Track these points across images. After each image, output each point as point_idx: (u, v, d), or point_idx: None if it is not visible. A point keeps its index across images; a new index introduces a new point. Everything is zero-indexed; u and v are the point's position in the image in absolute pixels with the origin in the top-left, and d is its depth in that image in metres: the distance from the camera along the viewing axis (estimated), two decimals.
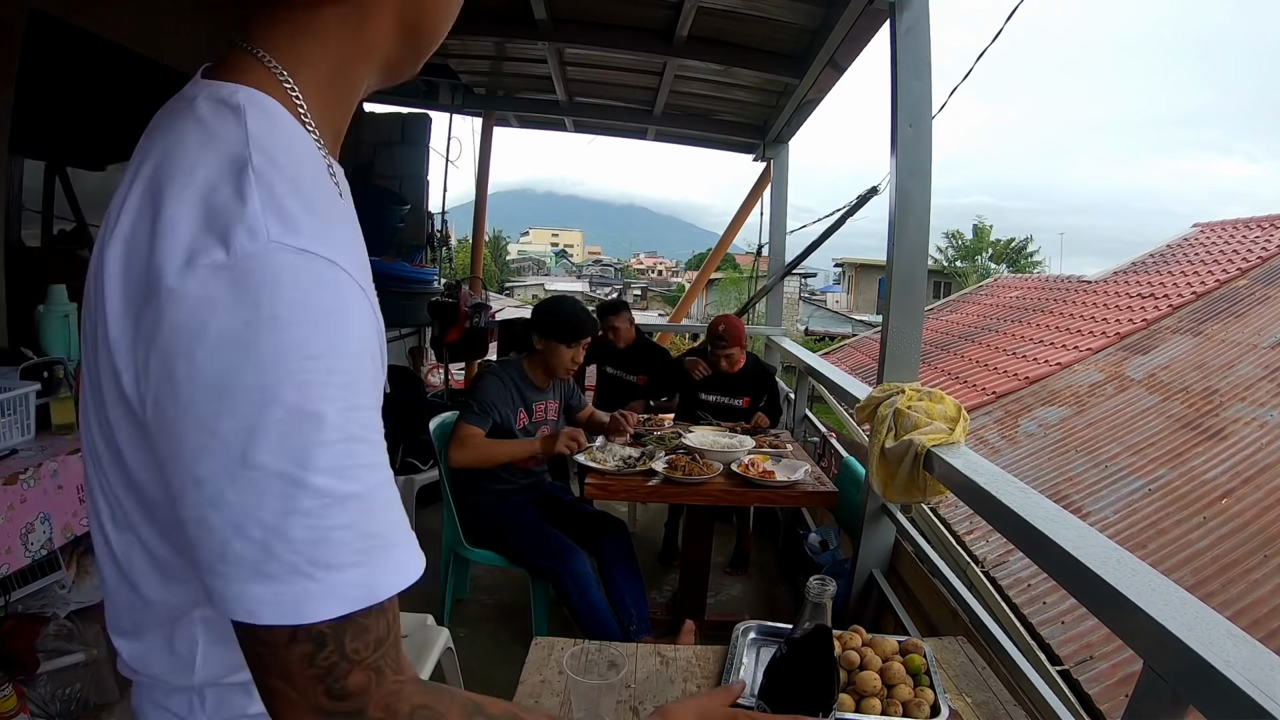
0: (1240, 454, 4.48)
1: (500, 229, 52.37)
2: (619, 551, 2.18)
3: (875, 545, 2.11)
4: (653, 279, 54.28)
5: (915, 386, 1.88)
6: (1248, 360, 5.71)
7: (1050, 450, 5.04)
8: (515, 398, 2.20)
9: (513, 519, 2.17)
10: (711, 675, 1.18)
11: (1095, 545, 1.07)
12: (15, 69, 2.16)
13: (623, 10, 3.02)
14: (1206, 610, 0.88)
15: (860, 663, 1.14)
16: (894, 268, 1.94)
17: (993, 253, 28.97)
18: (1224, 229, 9.36)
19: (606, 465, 2.16)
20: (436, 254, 4.81)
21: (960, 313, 10.77)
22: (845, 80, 3.13)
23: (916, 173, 1.92)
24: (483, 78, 4.50)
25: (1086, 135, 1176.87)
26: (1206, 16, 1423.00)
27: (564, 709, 1.08)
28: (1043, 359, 6.90)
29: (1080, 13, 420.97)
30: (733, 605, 2.90)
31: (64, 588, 1.97)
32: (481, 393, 2.14)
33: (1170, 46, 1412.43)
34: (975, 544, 3.81)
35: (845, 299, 28.24)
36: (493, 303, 4.78)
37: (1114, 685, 2.77)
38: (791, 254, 4.31)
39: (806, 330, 21.58)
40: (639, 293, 41.26)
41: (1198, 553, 3.67)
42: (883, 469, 1.76)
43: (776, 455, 2.34)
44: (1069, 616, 3.17)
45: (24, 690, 1.76)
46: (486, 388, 2.16)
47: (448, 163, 4.68)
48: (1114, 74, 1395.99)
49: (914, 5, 1.90)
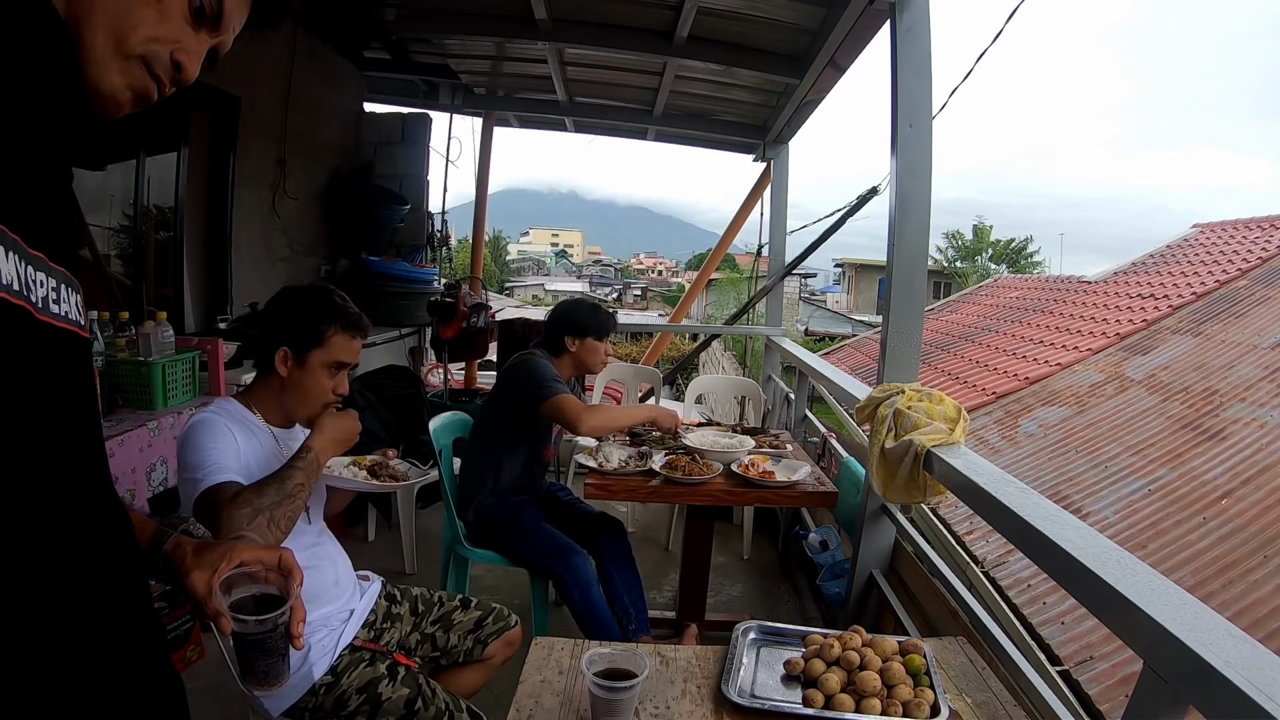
0: (1240, 454, 4.48)
1: (500, 229, 52.42)
2: (618, 551, 2.18)
3: (875, 545, 2.11)
4: (653, 279, 54.32)
5: (915, 387, 1.88)
6: (1248, 361, 5.72)
7: (1050, 450, 5.05)
8: None
9: (513, 519, 2.17)
10: (711, 675, 1.18)
11: (1095, 545, 1.06)
12: None
13: (623, 10, 3.02)
14: (1206, 610, 0.88)
15: (860, 663, 1.14)
16: (894, 268, 1.94)
17: (993, 253, 28.99)
18: (1224, 229, 9.37)
19: (607, 465, 2.16)
20: (436, 254, 4.81)
21: (960, 313, 10.78)
22: (845, 80, 3.13)
23: (916, 173, 1.92)
24: (483, 78, 4.50)
25: (1070, 128, 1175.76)
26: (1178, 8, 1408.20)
27: (564, 709, 1.08)
28: (1043, 359, 6.90)
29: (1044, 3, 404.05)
30: (733, 605, 2.90)
31: None
32: (545, 371, 2.15)
33: (1156, 32, 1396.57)
34: (975, 544, 3.81)
35: (845, 299, 28.25)
36: (493, 303, 4.78)
37: (1114, 685, 2.77)
38: (791, 254, 4.31)
39: (806, 330, 21.59)
40: (639, 293, 41.27)
41: (1198, 553, 3.67)
42: (883, 469, 1.76)
43: (776, 455, 2.33)
44: (1069, 616, 3.17)
45: None
46: (544, 366, 2.17)
47: (448, 163, 4.69)
48: (1093, 65, 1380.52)
49: (914, 5, 1.90)
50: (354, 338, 1.37)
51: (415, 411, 3.54)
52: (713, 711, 1.09)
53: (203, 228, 3.36)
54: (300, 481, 1.20)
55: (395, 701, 1.36)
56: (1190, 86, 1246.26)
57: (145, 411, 2.11)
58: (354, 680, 1.36)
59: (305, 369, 1.33)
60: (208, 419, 1.27)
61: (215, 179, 3.36)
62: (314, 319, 1.33)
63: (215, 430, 1.26)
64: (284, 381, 1.35)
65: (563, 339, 2.27)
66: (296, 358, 1.33)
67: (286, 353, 1.33)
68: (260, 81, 3.46)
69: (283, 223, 3.83)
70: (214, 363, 2.37)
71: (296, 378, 1.34)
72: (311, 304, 1.34)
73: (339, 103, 4.34)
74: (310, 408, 1.36)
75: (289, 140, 3.76)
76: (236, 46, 0.65)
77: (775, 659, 1.23)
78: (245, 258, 3.48)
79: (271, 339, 1.34)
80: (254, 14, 0.66)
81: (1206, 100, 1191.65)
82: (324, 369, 1.34)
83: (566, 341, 2.26)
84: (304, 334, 1.33)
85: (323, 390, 1.35)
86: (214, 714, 2.02)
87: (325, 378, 1.35)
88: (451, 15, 3.41)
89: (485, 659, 1.66)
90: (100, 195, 2.88)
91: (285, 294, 1.37)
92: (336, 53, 4.19)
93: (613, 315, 2.36)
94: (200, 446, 1.23)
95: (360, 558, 1.43)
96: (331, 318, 1.34)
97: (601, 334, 2.28)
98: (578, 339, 2.26)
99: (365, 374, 3.55)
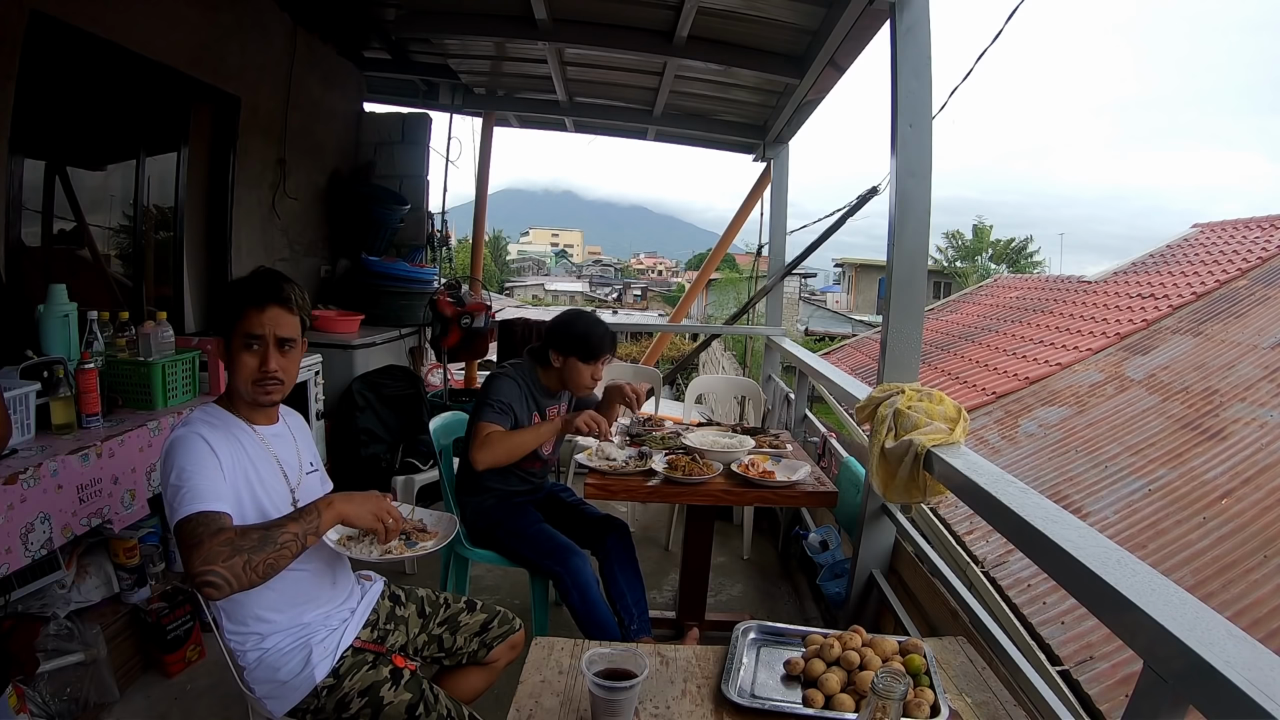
0: (1240, 454, 4.48)
1: (500, 229, 52.43)
2: (622, 552, 2.18)
3: (875, 545, 2.11)
4: (653, 279, 54.29)
5: (915, 387, 1.88)
6: (1248, 361, 5.71)
7: (1050, 450, 5.04)
8: (530, 401, 2.17)
9: (513, 519, 2.17)
10: (711, 675, 1.18)
11: (1095, 545, 1.07)
12: (15, 69, 2.16)
13: (623, 10, 3.02)
14: (1206, 610, 0.88)
15: (860, 663, 1.15)
16: (894, 268, 1.94)
17: (993, 253, 28.98)
18: (1224, 229, 9.37)
19: (608, 464, 2.16)
20: (436, 254, 4.81)
21: (960, 313, 10.78)
22: (845, 80, 3.12)
23: (916, 173, 1.92)
24: (483, 78, 4.50)
25: (1066, 126, 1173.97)
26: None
27: (564, 709, 1.08)
28: (1043, 359, 6.90)
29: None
30: (733, 605, 2.90)
31: (64, 588, 1.97)
32: (498, 393, 2.09)
33: (1151, 29, 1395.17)
34: (975, 544, 3.81)
35: (845, 299, 28.24)
36: (493, 303, 4.77)
37: (1114, 685, 2.77)
38: (791, 254, 4.31)
39: (806, 330, 21.57)
40: (639, 293, 41.26)
41: (1198, 553, 3.67)
42: (883, 469, 1.76)
43: (776, 455, 2.33)
44: (1069, 616, 3.17)
45: (24, 690, 1.76)
46: (503, 388, 2.11)
47: (448, 163, 4.68)
48: (1087, 64, 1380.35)
49: (914, 5, 1.90)
50: (263, 309, 1.32)
51: (415, 411, 3.54)
52: (713, 711, 1.09)
53: (203, 228, 3.36)
54: (292, 534, 1.20)
55: (396, 706, 1.36)
56: (1185, 83, 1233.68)
57: (145, 411, 2.11)
58: (356, 683, 1.36)
59: (233, 349, 1.32)
60: (182, 437, 1.26)
61: (215, 179, 3.36)
62: (232, 297, 1.33)
63: (191, 450, 1.24)
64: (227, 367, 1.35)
65: (549, 351, 2.18)
66: (228, 340, 1.33)
67: (220, 342, 1.35)
68: (260, 81, 3.46)
69: (283, 223, 3.83)
70: (214, 363, 2.37)
71: (229, 359, 1.34)
72: (236, 288, 1.34)
73: (339, 103, 4.34)
74: (241, 380, 1.34)
75: (289, 140, 3.76)
76: (237, 46, 0.65)
77: (775, 659, 1.23)
78: (245, 258, 3.48)
79: (220, 331, 1.36)
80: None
81: (1201, 96, 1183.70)
82: (242, 343, 1.32)
83: (551, 356, 2.17)
84: (227, 315, 1.32)
85: (253, 361, 1.32)
86: (214, 714, 2.03)
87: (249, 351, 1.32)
88: (451, 15, 3.41)
89: (489, 662, 1.66)
90: (100, 195, 2.87)
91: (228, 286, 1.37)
92: (336, 53, 4.19)
93: (609, 337, 2.17)
94: (177, 467, 1.22)
95: (359, 558, 1.43)
96: (244, 293, 1.32)
97: (589, 357, 2.13)
98: (562, 356, 2.15)
99: (365, 374, 3.55)
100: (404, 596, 1.63)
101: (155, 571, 2.26)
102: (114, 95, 2.75)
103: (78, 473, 1.75)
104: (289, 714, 1.36)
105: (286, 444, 1.46)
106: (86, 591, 2.03)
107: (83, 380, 1.88)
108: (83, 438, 1.85)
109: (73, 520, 1.74)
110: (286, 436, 1.47)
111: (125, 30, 2.53)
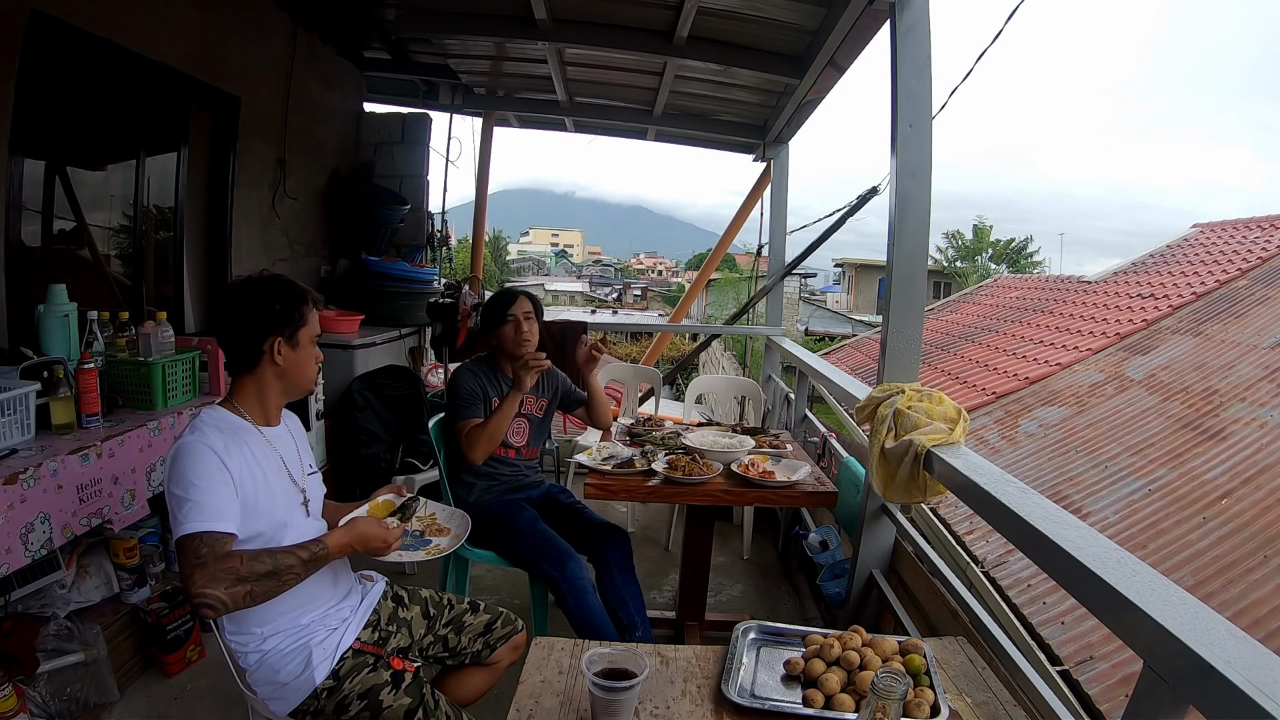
0: (1240, 454, 4.48)
1: (500, 229, 52.36)
2: (621, 560, 2.17)
3: (875, 545, 2.11)
4: (653, 279, 54.31)
5: (915, 387, 1.88)
6: (1248, 361, 5.71)
7: (1050, 450, 5.04)
8: (488, 389, 2.25)
9: (509, 518, 2.17)
10: (712, 675, 1.18)
11: (1095, 545, 1.07)
12: (15, 69, 2.16)
13: (623, 10, 3.02)
14: (1206, 610, 0.88)
15: (860, 663, 1.15)
16: (894, 268, 1.94)
17: (993, 253, 28.98)
18: (1223, 229, 9.37)
19: (607, 463, 2.16)
20: (436, 254, 4.81)
21: (960, 313, 10.77)
22: (845, 80, 3.12)
23: (916, 173, 1.92)
24: (483, 78, 4.50)
25: (1059, 122, 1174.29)
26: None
27: (564, 709, 1.08)
28: (1043, 359, 6.90)
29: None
30: (733, 605, 2.90)
31: (64, 587, 1.97)
32: (458, 389, 2.21)
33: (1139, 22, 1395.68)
34: (975, 544, 3.81)
35: (845, 299, 28.25)
36: None
37: (1114, 685, 2.77)
38: (791, 254, 4.31)
39: (806, 330, 21.58)
40: (639, 293, 41.26)
41: (1198, 553, 3.67)
42: (883, 469, 1.76)
43: (776, 455, 2.33)
44: (1069, 616, 3.17)
45: (24, 690, 1.76)
46: (461, 382, 2.23)
47: (448, 163, 4.68)
48: (1082, 62, 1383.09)
49: (914, 5, 1.90)
50: (319, 310, 1.48)
51: (415, 411, 3.54)
52: (713, 711, 1.09)
53: (203, 228, 3.36)
54: (296, 570, 1.27)
55: (395, 710, 1.36)
56: (1174, 77, 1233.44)
57: (145, 411, 2.11)
58: (356, 685, 1.36)
59: (299, 349, 1.41)
60: (192, 447, 1.26)
61: (215, 179, 3.36)
62: (292, 303, 1.40)
63: (200, 462, 1.24)
64: (279, 370, 1.39)
65: (487, 343, 2.33)
66: (289, 342, 1.39)
67: (278, 341, 1.37)
68: (260, 81, 3.45)
69: (283, 223, 3.83)
70: (214, 363, 2.37)
71: (292, 359, 1.40)
72: (277, 294, 1.39)
73: (339, 102, 4.34)
74: (310, 378, 1.47)
75: (289, 140, 3.75)
76: (237, 46, 0.65)
77: (775, 659, 1.23)
78: (245, 258, 3.47)
79: (253, 335, 1.36)
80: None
81: (1184, 81, 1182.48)
82: (311, 343, 1.45)
83: (489, 344, 2.33)
84: (288, 319, 1.39)
85: (315, 359, 1.47)
86: (214, 714, 2.03)
87: (313, 349, 1.46)
88: (451, 15, 3.41)
89: (492, 663, 1.67)
90: (100, 195, 2.87)
91: (241, 293, 1.38)
92: (336, 53, 4.19)
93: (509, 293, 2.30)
94: (184, 479, 1.22)
95: (360, 557, 1.43)
96: (304, 298, 1.43)
97: (498, 321, 2.25)
98: (485, 336, 2.32)
99: (365, 374, 3.55)
100: (407, 598, 1.63)
101: (155, 571, 2.26)
102: (114, 95, 2.75)
103: (78, 473, 1.75)
104: (290, 715, 1.36)
105: (288, 445, 1.46)
106: (86, 591, 2.03)
107: (83, 380, 1.88)
108: (83, 438, 1.85)
109: (73, 520, 1.74)
110: (287, 438, 1.47)
111: (125, 30, 2.53)
